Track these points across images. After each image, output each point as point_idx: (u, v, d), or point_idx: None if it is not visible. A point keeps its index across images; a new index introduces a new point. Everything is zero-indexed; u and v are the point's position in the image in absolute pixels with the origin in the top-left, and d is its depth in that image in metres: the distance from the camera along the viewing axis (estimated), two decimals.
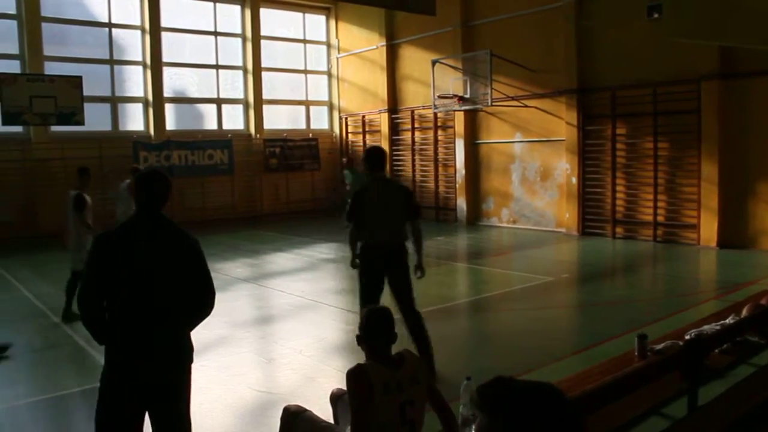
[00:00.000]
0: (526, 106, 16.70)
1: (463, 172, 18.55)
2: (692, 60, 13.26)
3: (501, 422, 1.85)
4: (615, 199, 15.09)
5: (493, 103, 16.73)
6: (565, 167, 15.94)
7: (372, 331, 3.43)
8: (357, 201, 6.25)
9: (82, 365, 7.08)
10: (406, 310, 6.21)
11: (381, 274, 6.21)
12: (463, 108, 17.61)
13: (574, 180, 15.69)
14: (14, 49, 17.57)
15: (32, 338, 8.19)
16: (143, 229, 3.47)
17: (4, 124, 16.43)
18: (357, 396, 3.24)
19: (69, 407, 5.96)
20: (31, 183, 17.28)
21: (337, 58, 23.25)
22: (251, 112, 21.57)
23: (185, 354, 3.58)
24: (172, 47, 20.09)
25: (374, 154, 6.36)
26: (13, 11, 17.52)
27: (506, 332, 7.99)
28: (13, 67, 17.35)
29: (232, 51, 21.48)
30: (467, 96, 17.23)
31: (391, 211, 6.17)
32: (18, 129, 17.34)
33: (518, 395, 1.87)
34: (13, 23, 17.58)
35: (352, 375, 3.27)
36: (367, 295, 6.15)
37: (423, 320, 6.30)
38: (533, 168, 16.93)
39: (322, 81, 23.62)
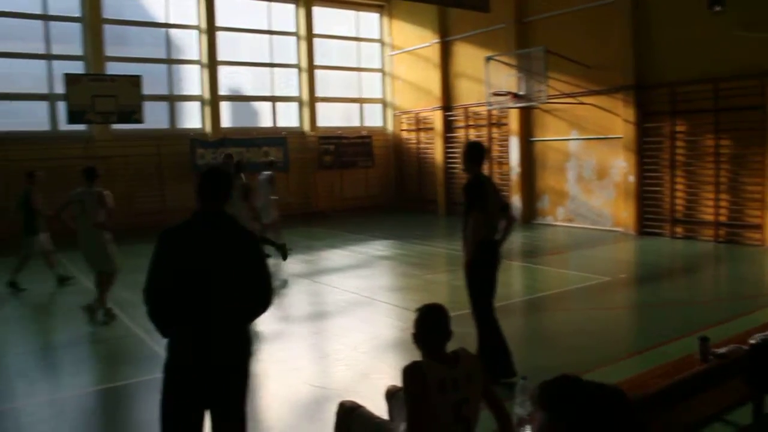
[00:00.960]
0: (582, 103, 16.45)
1: (518, 169, 18.38)
2: (756, 54, 12.86)
3: (563, 421, 1.81)
4: (674, 197, 14.75)
5: (548, 100, 16.55)
6: (622, 165, 15.65)
7: (427, 328, 3.43)
8: (481, 191, 5.97)
9: (142, 356, 7.26)
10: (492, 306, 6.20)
11: (493, 275, 6.13)
12: (518, 105, 17.45)
13: (632, 178, 15.38)
14: (78, 51, 18.13)
15: (97, 329, 8.43)
16: (204, 225, 3.54)
17: (69, 122, 17.05)
18: (412, 393, 3.24)
19: (130, 397, 6.13)
20: None
21: (391, 56, 23.27)
22: (305, 110, 21.77)
23: (245, 348, 3.63)
24: (228, 46, 20.43)
25: (479, 148, 6.25)
26: (77, 14, 18.06)
27: (562, 332, 7.89)
28: (78, 67, 17.91)
29: (287, 49, 21.72)
30: (522, 93, 17.07)
31: (497, 206, 6.16)
32: (82, 127, 17.89)
33: (583, 395, 1.83)
34: (78, 26, 18.14)
35: (408, 372, 3.27)
36: (489, 293, 6.07)
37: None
38: (589, 166, 16.67)
39: (376, 78, 23.69)
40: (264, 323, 3.27)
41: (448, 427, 3.27)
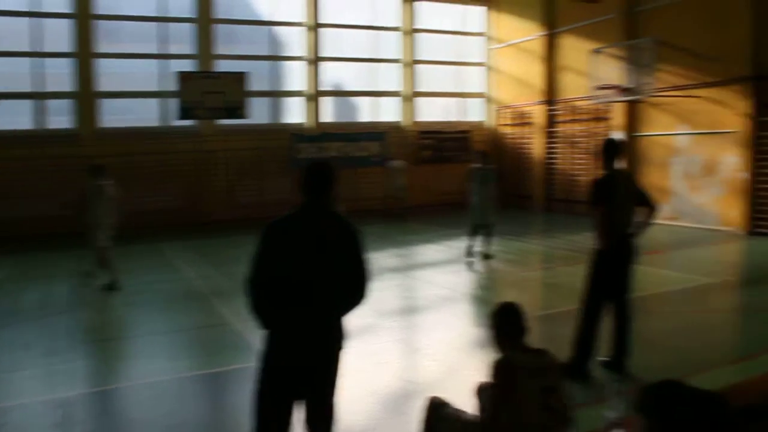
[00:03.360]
0: (692, 96, 15.72)
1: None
2: None
3: (665, 428, 1.74)
4: None
5: (656, 93, 15.89)
6: (733, 161, 14.88)
7: (506, 322, 3.57)
8: (606, 187, 5.96)
9: (236, 346, 7.48)
10: (625, 302, 6.09)
11: (625, 269, 6.01)
12: (623, 99, 16.86)
13: (745, 175, 14.59)
14: (190, 50, 19.00)
15: (195, 317, 8.78)
16: (308, 217, 3.60)
17: (179, 118, 17.84)
18: (501, 384, 3.33)
19: (224, 383, 6.34)
20: (199, 173, 18.51)
21: (493, 50, 22.97)
22: (406, 105, 21.84)
23: (339, 340, 3.69)
24: (331, 42, 20.78)
25: (611, 145, 6.28)
26: (190, 15, 18.93)
27: (659, 335, 7.55)
28: (189, 66, 18.75)
29: (389, 44, 21.87)
30: (628, 86, 16.48)
31: (630, 203, 6.04)
32: (189, 122, 18.66)
33: (687, 402, 1.75)
34: (190, 26, 18.99)
35: (499, 365, 3.38)
36: (603, 286, 5.96)
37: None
38: (696, 162, 15.94)
39: (479, 73, 23.43)
40: (356, 315, 3.31)
41: (533, 414, 3.32)
